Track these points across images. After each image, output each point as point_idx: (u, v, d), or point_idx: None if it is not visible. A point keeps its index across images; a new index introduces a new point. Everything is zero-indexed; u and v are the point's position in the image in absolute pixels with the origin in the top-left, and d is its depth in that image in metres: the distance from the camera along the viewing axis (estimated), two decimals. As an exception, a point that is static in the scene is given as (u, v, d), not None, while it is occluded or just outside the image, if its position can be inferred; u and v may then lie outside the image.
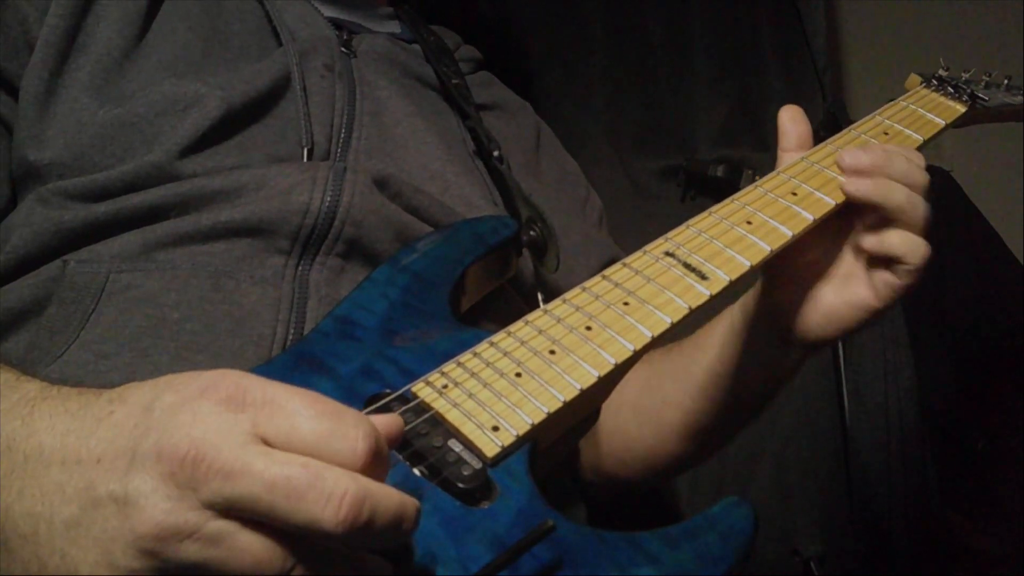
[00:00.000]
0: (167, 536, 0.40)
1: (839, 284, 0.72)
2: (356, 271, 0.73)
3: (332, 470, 0.40)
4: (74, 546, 0.42)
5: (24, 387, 0.49)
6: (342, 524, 0.39)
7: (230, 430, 0.41)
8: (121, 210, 0.69)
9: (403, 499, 0.42)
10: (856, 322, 0.71)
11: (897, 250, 0.68)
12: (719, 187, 1.56)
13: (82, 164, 0.71)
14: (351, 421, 0.42)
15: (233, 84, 0.75)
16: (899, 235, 0.68)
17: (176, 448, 0.40)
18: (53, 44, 0.73)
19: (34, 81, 0.72)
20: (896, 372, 1.48)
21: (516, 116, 1.01)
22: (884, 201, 0.68)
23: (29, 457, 0.45)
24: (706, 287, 0.63)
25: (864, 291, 0.70)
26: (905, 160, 0.69)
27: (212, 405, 0.42)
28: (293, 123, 0.77)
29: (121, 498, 0.41)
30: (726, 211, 0.70)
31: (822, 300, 0.72)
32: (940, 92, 0.88)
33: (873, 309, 0.70)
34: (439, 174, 0.83)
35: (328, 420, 0.42)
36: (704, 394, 0.82)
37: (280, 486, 0.39)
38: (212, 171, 0.72)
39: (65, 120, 0.72)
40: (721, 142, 1.63)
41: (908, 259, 0.67)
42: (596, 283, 0.64)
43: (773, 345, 0.77)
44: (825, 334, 0.73)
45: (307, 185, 0.72)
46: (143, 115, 0.72)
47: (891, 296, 0.69)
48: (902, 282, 0.68)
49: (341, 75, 0.83)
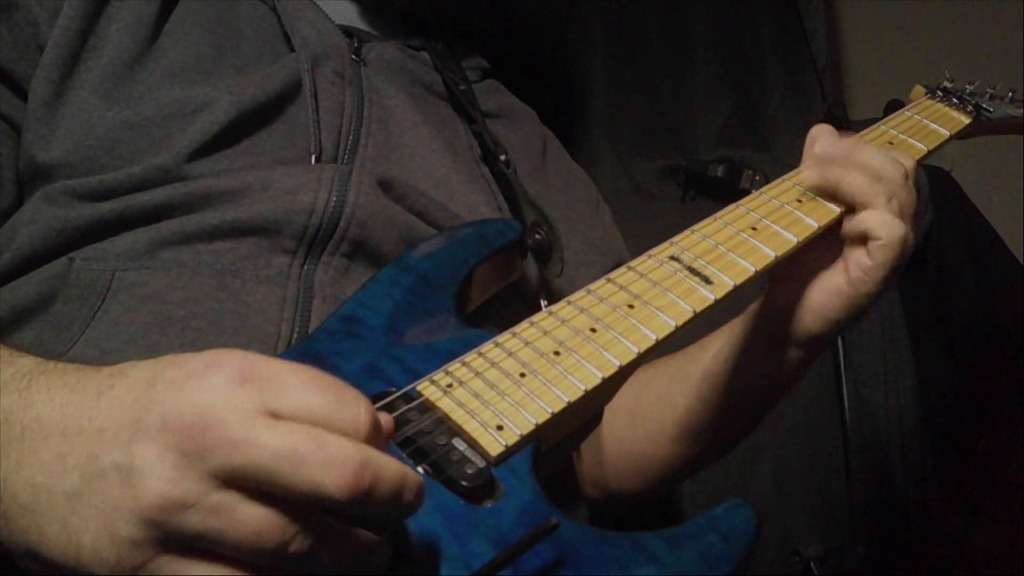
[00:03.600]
0: (170, 507, 0.40)
1: (820, 277, 0.72)
2: (361, 271, 0.73)
3: (335, 438, 0.41)
4: (75, 515, 0.42)
5: (19, 361, 0.49)
6: (344, 488, 0.40)
7: (237, 402, 0.41)
8: (127, 208, 0.69)
9: (404, 469, 0.43)
10: (834, 311, 0.70)
11: (867, 223, 0.67)
12: (719, 187, 1.56)
13: (89, 165, 0.71)
14: (351, 395, 0.44)
15: (243, 88, 0.75)
16: (871, 212, 0.68)
17: (182, 418, 0.41)
18: (64, 46, 0.73)
19: (43, 83, 0.72)
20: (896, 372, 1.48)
21: (523, 124, 1.01)
22: (840, 183, 0.68)
23: (27, 429, 0.45)
24: (711, 291, 0.63)
25: (838, 276, 0.70)
26: (872, 151, 0.70)
27: (218, 378, 0.42)
28: (302, 128, 0.77)
29: (125, 468, 0.41)
30: (731, 217, 0.70)
31: (806, 295, 0.72)
32: (945, 103, 0.89)
33: (844, 293, 0.69)
34: (444, 181, 0.83)
35: (331, 393, 0.43)
36: (698, 394, 0.82)
37: (285, 455, 0.40)
38: (219, 173, 0.72)
39: (74, 121, 0.72)
40: (721, 142, 1.63)
41: (878, 232, 0.67)
42: (601, 286, 0.64)
43: (767, 344, 0.76)
44: (808, 329, 0.72)
45: (312, 185, 0.72)
46: (152, 118, 0.72)
47: (862, 279, 0.68)
48: (872, 262, 0.67)
49: (351, 83, 0.83)
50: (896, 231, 0.67)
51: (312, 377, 0.44)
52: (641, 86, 1.63)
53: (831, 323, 0.71)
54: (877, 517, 1.44)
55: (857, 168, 0.69)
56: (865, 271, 0.68)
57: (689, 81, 1.63)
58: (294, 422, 0.41)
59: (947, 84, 0.91)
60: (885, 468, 1.46)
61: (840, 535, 1.46)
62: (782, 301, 0.73)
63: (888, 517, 1.45)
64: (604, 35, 1.61)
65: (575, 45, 1.59)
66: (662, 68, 1.63)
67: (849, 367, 1.50)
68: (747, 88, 1.64)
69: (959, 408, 1.48)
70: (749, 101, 1.64)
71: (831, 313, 0.71)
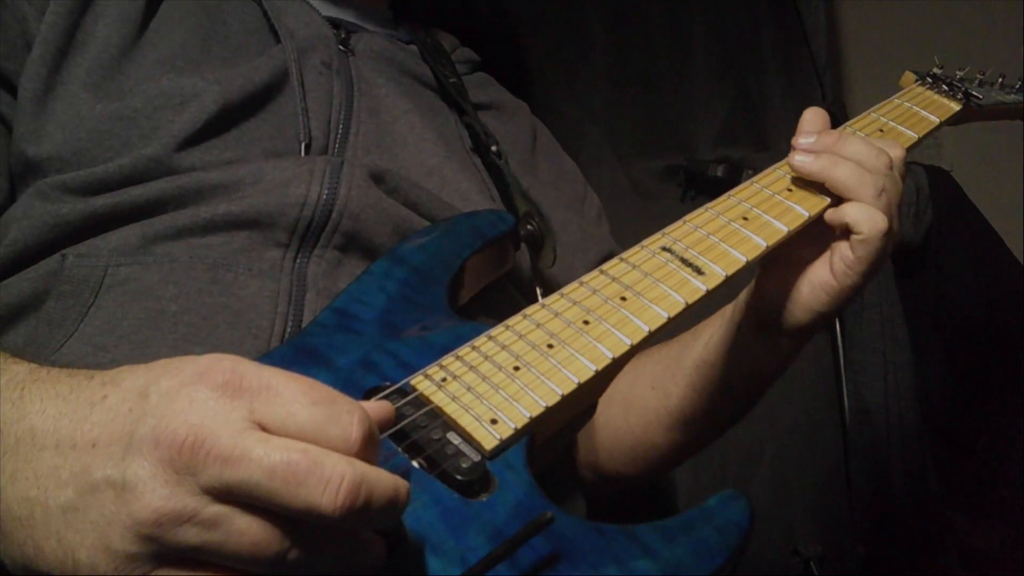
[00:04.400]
0: (166, 521, 0.40)
1: (807, 268, 0.72)
2: (354, 264, 0.73)
3: (329, 455, 0.41)
4: (71, 530, 0.42)
5: (12, 369, 0.49)
6: (340, 509, 0.40)
7: (228, 416, 0.41)
8: (119, 203, 0.69)
9: (396, 481, 0.43)
10: (818, 303, 0.71)
11: (849, 216, 0.68)
12: (719, 187, 1.55)
13: (80, 159, 0.71)
14: (345, 407, 0.43)
15: (231, 79, 0.76)
16: (854, 205, 0.68)
17: (174, 434, 0.40)
18: (52, 41, 0.74)
19: (32, 78, 0.73)
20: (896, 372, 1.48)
21: (513, 116, 1.02)
22: (827, 173, 0.69)
23: (21, 440, 0.45)
24: (702, 282, 0.63)
25: (823, 269, 0.70)
26: (860, 142, 0.70)
27: (209, 391, 0.42)
28: (291, 119, 0.78)
29: (119, 483, 0.41)
30: (722, 207, 0.70)
31: (793, 286, 0.72)
32: (935, 90, 0.88)
33: (830, 286, 0.70)
34: (436, 170, 0.84)
35: (323, 407, 0.43)
36: (691, 382, 0.82)
37: (279, 472, 0.40)
38: (210, 165, 0.72)
39: (63, 115, 0.72)
40: (721, 142, 1.63)
41: (859, 227, 0.67)
42: (594, 278, 0.64)
43: (757, 332, 0.77)
44: (794, 319, 0.73)
45: (304, 178, 0.72)
46: (140, 109, 0.72)
47: (846, 273, 0.69)
48: (854, 255, 0.68)
49: (339, 72, 0.83)
50: (878, 225, 0.67)
51: (304, 388, 0.43)
52: (641, 86, 1.63)
53: (818, 315, 0.72)
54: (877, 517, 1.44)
55: (844, 159, 0.69)
56: (848, 265, 0.69)
57: (689, 81, 1.63)
58: (286, 436, 0.42)
59: (937, 71, 0.91)
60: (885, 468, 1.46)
61: (840, 535, 1.46)
62: (771, 288, 0.74)
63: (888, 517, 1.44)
64: (604, 35, 1.61)
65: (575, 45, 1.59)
66: (662, 68, 1.63)
67: (849, 367, 1.50)
68: (747, 88, 1.64)
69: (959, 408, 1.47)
70: (749, 101, 1.64)
71: (817, 306, 0.71)
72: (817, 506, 1.49)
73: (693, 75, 1.64)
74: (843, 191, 0.69)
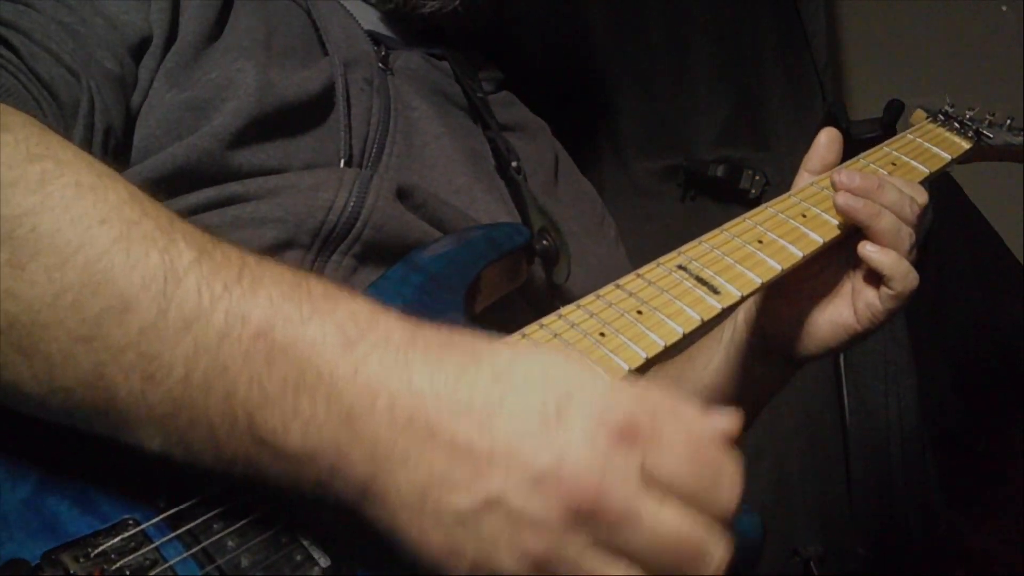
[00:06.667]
0: (544, 563, 0.43)
1: (826, 303, 0.75)
2: (369, 274, 0.74)
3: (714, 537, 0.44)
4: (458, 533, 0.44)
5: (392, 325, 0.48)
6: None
7: (625, 473, 0.43)
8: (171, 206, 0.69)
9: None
10: (836, 341, 0.74)
11: (886, 269, 0.70)
12: (719, 187, 1.57)
13: (148, 146, 0.71)
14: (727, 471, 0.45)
15: (286, 82, 0.76)
16: (891, 255, 0.70)
17: (577, 483, 0.42)
18: (160, 35, 0.73)
19: (143, 74, 0.72)
20: (896, 372, 1.48)
21: (535, 138, 1.02)
22: (871, 222, 0.70)
23: (415, 422, 0.44)
24: (718, 300, 0.65)
25: (847, 311, 0.73)
26: (897, 191, 0.72)
27: (608, 441, 0.43)
28: (334, 132, 0.79)
29: (516, 513, 0.43)
30: (738, 229, 0.72)
31: (808, 317, 0.75)
32: (946, 128, 0.91)
33: (852, 330, 0.73)
34: (465, 188, 0.85)
35: (708, 470, 0.45)
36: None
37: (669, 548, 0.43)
38: (255, 170, 0.73)
39: (145, 108, 0.72)
40: (721, 142, 1.63)
41: (894, 282, 0.70)
42: (610, 291, 0.65)
43: (761, 358, 0.78)
44: (806, 351, 0.75)
45: (334, 185, 0.73)
46: (203, 95, 0.73)
47: (870, 320, 0.72)
48: (883, 307, 0.71)
49: (379, 91, 0.84)
50: (911, 284, 0.70)
51: (691, 441, 0.45)
52: (641, 86, 1.63)
53: (831, 350, 0.75)
54: (877, 517, 1.45)
55: (886, 207, 0.71)
56: (874, 313, 0.72)
57: (689, 81, 1.63)
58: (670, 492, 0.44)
59: (948, 108, 0.93)
60: (885, 468, 1.46)
61: (840, 535, 1.47)
62: (786, 318, 0.76)
63: (888, 517, 1.45)
64: (604, 35, 1.61)
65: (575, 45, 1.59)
66: (662, 68, 1.63)
67: (849, 367, 1.50)
68: (747, 88, 1.64)
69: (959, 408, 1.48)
70: (749, 101, 1.64)
71: (835, 344, 0.75)
72: (817, 506, 1.50)
73: (693, 75, 1.64)
74: (881, 240, 0.71)
